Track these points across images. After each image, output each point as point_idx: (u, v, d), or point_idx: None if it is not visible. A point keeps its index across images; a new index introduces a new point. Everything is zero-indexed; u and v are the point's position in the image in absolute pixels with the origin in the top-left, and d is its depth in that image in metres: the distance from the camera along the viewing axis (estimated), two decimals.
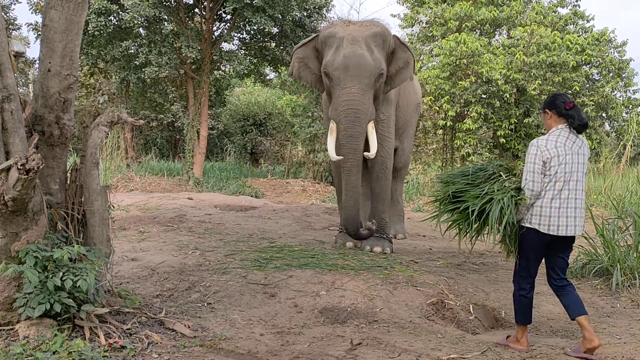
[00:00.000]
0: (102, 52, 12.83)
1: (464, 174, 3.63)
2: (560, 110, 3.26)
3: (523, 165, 3.33)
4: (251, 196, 11.32)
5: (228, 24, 13.32)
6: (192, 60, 12.82)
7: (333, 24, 5.64)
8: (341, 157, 5.20)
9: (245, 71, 13.17)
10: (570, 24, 14.49)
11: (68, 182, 3.53)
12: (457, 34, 12.92)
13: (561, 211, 3.19)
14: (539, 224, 3.21)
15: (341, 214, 6.28)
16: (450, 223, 3.71)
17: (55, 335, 2.98)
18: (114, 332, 3.17)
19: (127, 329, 3.26)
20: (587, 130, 12.85)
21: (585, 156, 3.29)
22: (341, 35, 5.27)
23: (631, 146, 13.07)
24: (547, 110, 3.33)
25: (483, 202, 3.38)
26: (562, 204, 3.19)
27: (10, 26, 16.36)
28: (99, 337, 3.08)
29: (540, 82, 12.00)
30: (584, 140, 3.30)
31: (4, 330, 3.08)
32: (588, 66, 12.98)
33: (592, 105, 12.57)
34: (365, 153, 5.24)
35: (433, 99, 12.82)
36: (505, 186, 3.37)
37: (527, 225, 3.26)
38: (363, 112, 5.15)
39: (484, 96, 12.72)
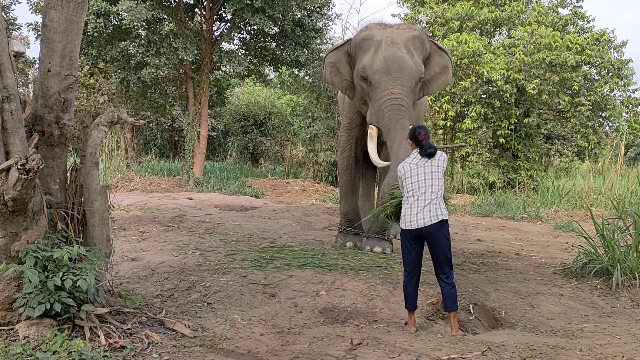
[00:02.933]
0: (101, 52, 12.82)
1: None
2: (416, 141, 4.00)
3: None
4: (251, 196, 11.33)
5: (228, 24, 13.32)
6: (191, 61, 12.82)
7: (367, 27, 5.47)
8: (388, 163, 4.91)
9: (245, 71, 13.15)
10: (570, 25, 14.49)
11: (68, 182, 3.52)
12: (458, 33, 12.92)
13: (412, 211, 3.88)
14: (403, 222, 3.95)
15: (342, 213, 6.27)
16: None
17: (55, 335, 2.97)
18: (114, 332, 3.17)
19: (127, 329, 3.25)
20: (584, 131, 12.95)
21: (432, 172, 3.91)
22: (379, 37, 5.14)
23: (626, 146, 13.08)
24: (409, 140, 4.11)
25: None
26: (413, 206, 3.89)
27: (10, 26, 16.36)
28: (99, 337, 3.08)
29: (539, 82, 12.01)
30: (433, 160, 3.94)
31: (4, 330, 3.08)
32: (587, 66, 12.98)
33: (590, 105, 12.56)
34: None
35: (433, 99, 12.82)
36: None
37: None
38: (406, 110, 4.96)
39: (484, 96, 12.73)
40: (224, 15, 13.09)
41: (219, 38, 13.18)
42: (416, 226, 3.83)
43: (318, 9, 12.97)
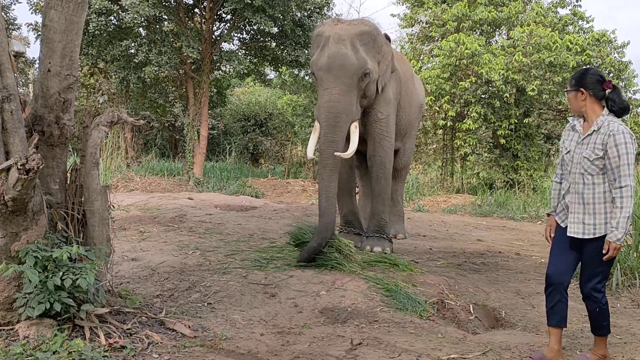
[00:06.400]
0: (102, 52, 12.82)
1: None
2: (596, 91, 2.98)
3: None
4: (251, 196, 11.32)
5: (228, 24, 13.32)
6: (192, 60, 12.81)
7: (323, 23, 5.62)
8: (313, 157, 5.27)
9: (245, 71, 13.15)
10: (570, 25, 14.48)
11: (68, 182, 3.52)
12: (455, 34, 12.92)
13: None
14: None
15: (341, 213, 6.27)
16: None
17: (55, 335, 2.97)
18: (114, 332, 3.17)
19: (128, 329, 3.25)
20: None
21: None
22: (328, 34, 5.22)
23: None
24: (582, 90, 2.99)
25: None
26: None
27: (10, 26, 16.33)
28: (99, 337, 3.08)
29: (539, 82, 12.00)
30: None
31: (4, 330, 3.08)
32: (588, 67, 12.96)
33: None
34: (336, 153, 5.02)
35: (433, 99, 12.82)
36: None
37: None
38: (344, 115, 5.08)
39: (483, 96, 12.72)
40: (224, 15, 13.08)
41: (219, 38, 13.19)
42: None
43: (318, 10, 12.97)
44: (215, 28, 13.24)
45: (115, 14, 11.63)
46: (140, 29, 12.57)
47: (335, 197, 5.23)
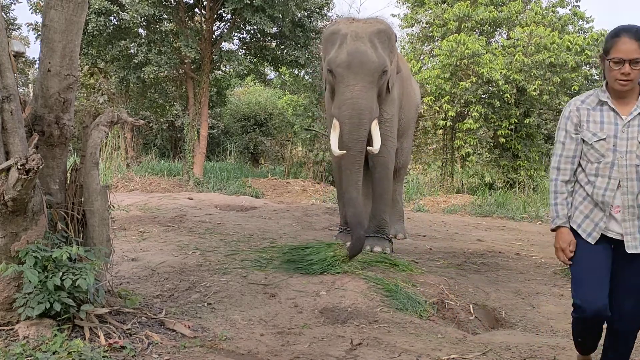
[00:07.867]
0: (101, 52, 12.83)
1: None
2: None
3: None
4: (251, 196, 11.31)
5: (228, 24, 13.32)
6: (191, 60, 12.82)
7: (337, 22, 5.59)
8: (344, 152, 5.07)
9: (245, 71, 13.14)
10: (569, 25, 14.49)
11: (68, 182, 3.52)
12: (456, 34, 12.93)
13: None
14: None
15: (341, 213, 6.27)
16: None
17: (55, 335, 2.97)
18: (114, 332, 3.16)
19: (127, 329, 3.25)
20: None
21: None
22: (345, 32, 5.20)
23: None
24: None
25: None
26: None
27: (10, 26, 16.34)
28: (98, 337, 3.08)
29: (540, 82, 12.01)
30: None
31: (4, 330, 3.08)
32: (588, 67, 12.98)
33: None
34: (369, 148, 5.11)
35: (433, 99, 12.82)
36: None
37: None
38: (367, 112, 5.05)
39: (484, 96, 12.74)
40: (224, 15, 13.09)
41: (219, 38, 13.19)
42: None
43: (318, 10, 12.97)
44: (215, 28, 13.24)
45: (114, 14, 11.63)
46: (140, 29, 12.57)
47: (360, 190, 5.18)
